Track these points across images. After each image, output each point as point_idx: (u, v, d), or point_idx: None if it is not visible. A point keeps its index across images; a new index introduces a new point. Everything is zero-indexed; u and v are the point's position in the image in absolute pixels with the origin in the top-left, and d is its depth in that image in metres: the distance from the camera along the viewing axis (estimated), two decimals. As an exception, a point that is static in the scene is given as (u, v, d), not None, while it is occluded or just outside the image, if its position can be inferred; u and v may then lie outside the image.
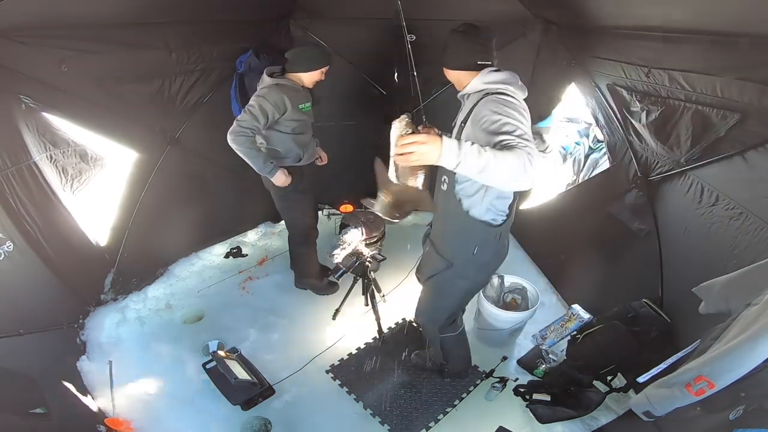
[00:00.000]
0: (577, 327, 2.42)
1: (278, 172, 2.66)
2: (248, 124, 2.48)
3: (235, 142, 2.50)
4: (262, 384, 2.48)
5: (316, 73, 2.63)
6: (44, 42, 2.23)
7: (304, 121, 2.71)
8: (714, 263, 1.92)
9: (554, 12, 2.98)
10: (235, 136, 2.48)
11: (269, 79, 2.54)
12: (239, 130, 2.47)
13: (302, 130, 2.74)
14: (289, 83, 2.56)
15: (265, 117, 2.49)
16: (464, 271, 2.08)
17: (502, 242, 2.07)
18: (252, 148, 2.55)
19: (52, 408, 2.00)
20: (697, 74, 1.95)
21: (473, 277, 2.15)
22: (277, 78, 2.55)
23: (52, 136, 2.56)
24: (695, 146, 2.07)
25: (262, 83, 2.59)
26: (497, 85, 1.77)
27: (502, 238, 2.04)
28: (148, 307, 3.12)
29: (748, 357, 1.25)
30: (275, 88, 2.52)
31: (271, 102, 2.48)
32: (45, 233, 2.45)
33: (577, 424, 2.31)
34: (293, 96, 2.56)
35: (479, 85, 1.84)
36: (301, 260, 3.27)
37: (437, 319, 2.32)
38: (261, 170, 2.64)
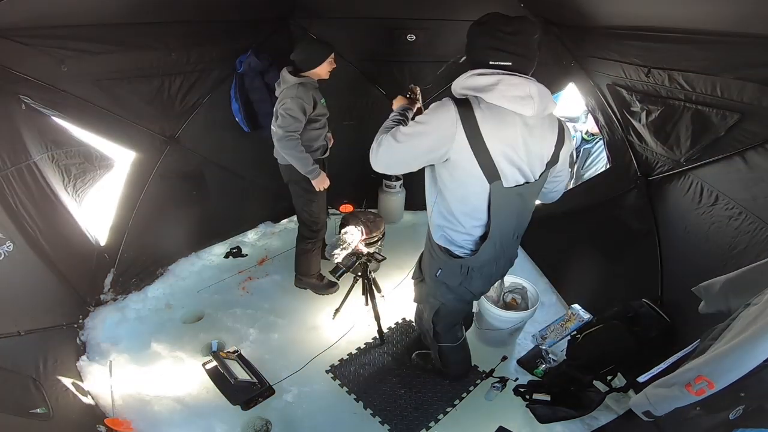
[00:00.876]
0: (577, 327, 2.42)
1: (321, 175, 2.82)
2: (294, 128, 2.60)
3: (287, 147, 2.63)
4: (262, 384, 2.48)
5: (326, 64, 2.69)
6: (44, 42, 2.23)
7: (326, 115, 2.86)
8: (714, 263, 1.92)
9: (554, 12, 2.98)
10: (285, 142, 2.61)
11: (294, 78, 2.61)
12: (288, 135, 2.59)
13: (325, 124, 2.89)
14: (309, 81, 2.68)
15: (304, 115, 2.62)
16: (432, 289, 1.98)
17: (478, 275, 1.85)
18: (302, 150, 2.68)
19: (52, 408, 2.00)
20: (696, 74, 1.95)
21: (443, 299, 1.98)
22: (300, 77, 2.65)
23: (54, 135, 2.56)
24: (695, 146, 2.07)
25: (284, 83, 2.64)
26: (466, 91, 1.54)
27: (473, 272, 1.82)
28: (148, 307, 3.11)
29: (748, 357, 1.25)
30: (303, 87, 2.62)
31: (306, 101, 2.60)
32: (45, 233, 2.45)
33: (577, 424, 2.31)
34: (315, 91, 2.71)
35: (457, 88, 1.60)
36: (302, 258, 3.28)
37: (423, 326, 2.27)
38: (308, 172, 2.76)
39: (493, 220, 1.68)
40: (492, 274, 1.95)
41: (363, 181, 4.12)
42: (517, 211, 1.76)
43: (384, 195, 4.13)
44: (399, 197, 4.15)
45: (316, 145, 2.89)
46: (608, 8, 2.33)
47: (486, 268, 1.87)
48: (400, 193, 4.13)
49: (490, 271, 1.92)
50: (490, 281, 2.02)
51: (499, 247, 1.80)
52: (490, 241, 1.73)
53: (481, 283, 1.95)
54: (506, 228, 1.78)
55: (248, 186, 3.75)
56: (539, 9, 3.04)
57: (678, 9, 1.89)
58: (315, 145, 2.89)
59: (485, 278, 1.94)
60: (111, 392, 2.41)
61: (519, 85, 1.47)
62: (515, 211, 1.75)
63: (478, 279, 1.89)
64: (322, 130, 2.89)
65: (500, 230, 1.73)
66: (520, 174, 1.63)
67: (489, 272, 1.92)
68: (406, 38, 3.35)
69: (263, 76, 3.23)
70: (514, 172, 1.60)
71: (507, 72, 1.50)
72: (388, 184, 4.06)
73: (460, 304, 2.08)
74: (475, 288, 1.95)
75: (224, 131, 3.38)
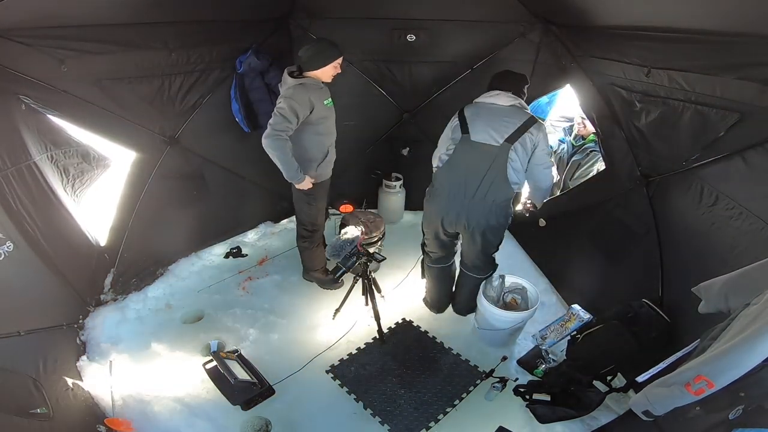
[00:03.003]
0: (577, 327, 2.42)
1: (305, 178, 2.75)
2: (281, 127, 2.49)
3: (271, 147, 2.52)
4: (262, 384, 2.48)
5: (330, 68, 2.63)
6: (44, 42, 2.23)
7: (329, 118, 2.77)
8: (714, 263, 1.92)
9: (554, 12, 2.98)
10: (271, 140, 2.50)
11: (292, 79, 2.57)
12: (274, 133, 2.49)
13: (329, 128, 2.80)
14: (311, 81, 2.60)
15: (296, 117, 2.52)
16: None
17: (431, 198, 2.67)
18: (288, 153, 2.58)
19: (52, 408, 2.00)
20: (696, 74, 1.95)
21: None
22: (299, 77, 2.58)
23: (53, 136, 2.57)
24: (695, 146, 2.07)
25: (284, 84, 2.61)
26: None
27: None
28: (148, 307, 3.12)
29: (747, 356, 1.26)
30: (300, 88, 2.54)
31: (299, 102, 2.51)
32: (45, 233, 2.45)
33: (577, 424, 2.31)
34: (317, 93, 2.60)
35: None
36: (305, 254, 3.30)
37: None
38: (292, 177, 2.70)
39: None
40: (441, 208, 2.59)
41: (363, 181, 4.13)
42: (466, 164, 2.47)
43: (384, 195, 4.13)
44: (399, 197, 4.15)
45: (311, 154, 2.76)
46: (608, 8, 2.33)
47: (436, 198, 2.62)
48: (400, 193, 4.13)
49: (439, 203, 2.60)
50: (439, 213, 2.63)
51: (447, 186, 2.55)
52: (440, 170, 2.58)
53: (433, 209, 2.66)
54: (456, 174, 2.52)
55: (248, 186, 3.75)
56: (539, 9, 3.05)
57: (678, 9, 1.89)
58: (310, 155, 2.76)
59: (436, 206, 2.63)
60: (111, 392, 2.41)
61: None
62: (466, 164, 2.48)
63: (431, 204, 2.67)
64: (321, 137, 2.74)
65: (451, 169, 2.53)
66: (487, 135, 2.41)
67: (438, 203, 2.61)
68: (406, 38, 3.35)
69: (263, 76, 3.23)
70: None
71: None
72: (388, 184, 4.06)
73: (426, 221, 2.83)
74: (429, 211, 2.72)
75: (224, 131, 3.38)
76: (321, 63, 2.59)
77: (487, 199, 2.44)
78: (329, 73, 2.66)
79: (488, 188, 2.42)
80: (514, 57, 3.33)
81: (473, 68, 3.45)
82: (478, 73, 3.47)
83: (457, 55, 3.44)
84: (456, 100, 3.65)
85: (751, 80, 1.70)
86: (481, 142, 2.40)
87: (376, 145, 4.02)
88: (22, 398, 1.95)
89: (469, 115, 2.50)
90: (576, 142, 3.80)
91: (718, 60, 1.82)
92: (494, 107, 2.49)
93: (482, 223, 2.52)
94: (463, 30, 3.29)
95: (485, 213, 2.49)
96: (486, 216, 2.49)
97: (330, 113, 2.77)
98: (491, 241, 2.65)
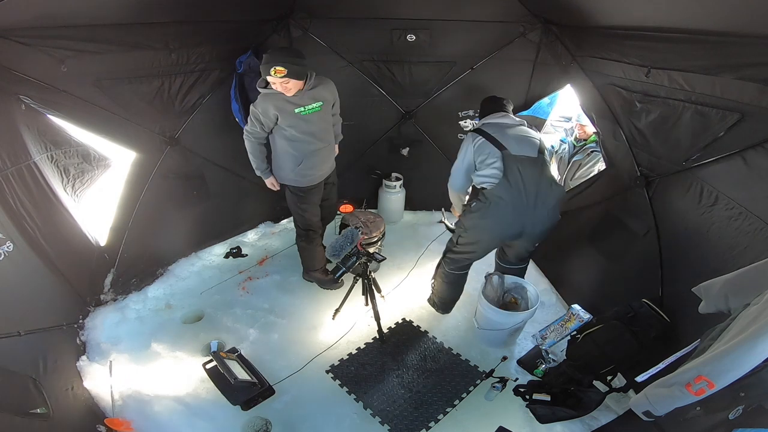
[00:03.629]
0: (577, 327, 2.42)
1: (270, 178, 2.96)
2: (250, 129, 2.74)
3: (245, 143, 2.81)
4: (262, 384, 2.48)
5: (271, 80, 2.47)
6: (44, 42, 2.23)
7: (302, 126, 2.68)
8: (714, 263, 1.93)
9: (554, 12, 2.98)
10: (245, 138, 2.80)
11: (262, 89, 2.63)
12: (246, 133, 2.78)
13: (303, 135, 2.71)
14: (272, 92, 2.57)
15: (259, 123, 2.68)
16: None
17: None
18: (255, 152, 2.83)
19: (52, 408, 2.00)
20: (696, 74, 1.95)
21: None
22: (265, 87, 2.60)
23: (53, 136, 2.57)
24: (695, 146, 2.07)
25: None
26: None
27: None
28: (148, 307, 3.11)
29: (747, 357, 1.26)
30: (262, 98, 2.63)
31: (260, 111, 2.63)
32: (45, 233, 2.45)
33: (577, 424, 2.31)
34: (282, 103, 2.59)
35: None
36: (303, 254, 3.30)
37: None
38: (257, 169, 2.92)
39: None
40: (506, 221, 2.58)
41: (363, 181, 4.13)
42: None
43: (384, 195, 4.13)
44: (399, 197, 4.15)
45: (281, 158, 2.77)
46: (608, 8, 2.33)
47: (498, 213, 2.57)
48: (400, 193, 4.13)
49: (504, 218, 2.57)
50: (503, 227, 2.61)
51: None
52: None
53: (492, 223, 2.62)
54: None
55: (248, 186, 3.75)
56: (539, 9, 3.05)
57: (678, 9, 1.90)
58: (280, 159, 2.78)
59: (498, 220, 2.59)
60: (111, 392, 2.41)
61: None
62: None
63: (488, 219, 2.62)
64: (291, 143, 2.69)
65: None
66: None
67: (502, 218, 2.58)
68: (406, 38, 3.35)
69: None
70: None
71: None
72: (388, 184, 4.06)
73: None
74: (485, 225, 2.66)
75: (224, 131, 3.38)
76: (263, 75, 2.51)
77: (547, 204, 2.50)
78: (277, 87, 2.51)
79: (546, 194, 2.49)
80: (514, 57, 3.33)
81: (473, 68, 3.46)
82: (478, 73, 3.47)
83: (457, 55, 3.44)
84: (456, 100, 3.68)
85: (751, 80, 1.70)
86: (522, 156, 2.49)
87: (376, 145, 4.02)
88: (22, 398, 1.95)
89: (493, 133, 2.56)
90: (577, 143, 3.81)
91: (718, 60, 1.82)
92: (511, 125, 2.65)
93: (546, 226, 2.59)
94: (463, 30, 3.29)
95: (548, 216, 2.55)
96: (550, 218, 2.57)
97: (302, 121, 2.67)
98: (544, 239, 2.73)
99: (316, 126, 2.75)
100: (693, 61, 1.95)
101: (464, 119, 3.76)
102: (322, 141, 2.83)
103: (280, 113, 2.61)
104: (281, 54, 2.47)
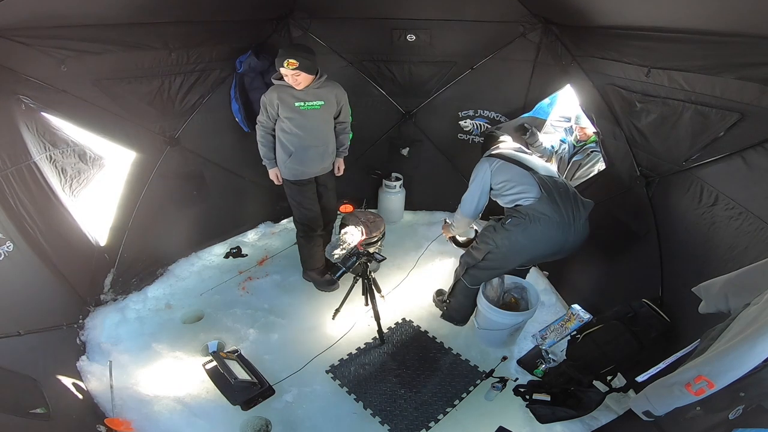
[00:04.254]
0: (577, 327, 2.42)
1: (274, 168, 3.02)
2: (261, 118, 2.87)
3: (257, 131, 2.93)
4: (262, 384, 2.48)
5: (284, 72, 2.63)
6: (44, 42, 2.23)
7: (299, 119, 2.77)
8: (714, 263, 1.93)
9: (554, 12, 2.98)
10: (256, 126, 2.92)
11: (274, 81, 2.76)
12: (257, 122, 2.91)
13: (298, 129, 2.80)
14: (282, 83, 2.72)
15: (266, 111, 2.80)
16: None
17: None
18: (263, 140, 2.94)
19: (52, 408, 2.00)
20: (696, 74, 1.95)
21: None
22: (278, 79, 2.74)
23: (52, 136, 2.57)
24: (695, 146, 2.07)
25: None
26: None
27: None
28: (148, 307, 3.11)
29: (747, 357, 1.26)
30: (273, 88, 2.78)
31: (267, 99, 2.76)
32: (45, 233, 2.45)
33: (577, 424, 2.31)
34: (286, 94, 2.71)
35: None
36: (301, 251, 3.31)
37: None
38: (264, 157, 3.00)
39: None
40: (552, 238, 2.55)
41: (363, 181, 4.13)
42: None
43: (384, 195, 4.13)
44: (399, 197, 4.15)
45: (278, 149, 2.91)
46: (608, 8, 2.33)
47: (541, 231, 2.53)
48: (400, 193, 4.13)
49: (549, 235, 2.54)
50: (548, 244, 2.57)
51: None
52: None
53: (536, 241, 2.56)
54: None
55: (248, 186, 3.75)
56: (539, 9, 3.05)
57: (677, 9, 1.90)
58: (277, 150, 2.92)
59: (543, 237, 2.55)
60: (111, 392, 2.41)
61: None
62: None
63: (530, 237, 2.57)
64: (286, 134, 2.82)
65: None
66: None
67: (548, 235, 2.53)
68: (406, 38, 3.35)
69: (263, 76, 3.24)
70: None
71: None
72: (388, 184, 4.06)
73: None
74: (525, 243, 2.59)
75: (224, 131, 3.38)
76: (276, 67, 2.68)
77: (583, 218, 2.52)
78: (288, 80, 2.67)
79: (580, 208, 2.51)
80: (514, 57, 3.33)
81: (473, 68, 3.46)
82: (478, 73, 3.47)
83: (457, 55, 3.44)
84: (456, 100, 3.68)
85: (751, 80, 1.70)
86: (547, 175, 2.54)
87: (376, 145, 4.02)
88: (22, 398, 1.95)
89: (511, 156, 2.65)
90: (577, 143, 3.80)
91: (718, 60, 1.82)
92: (519, 151, 2.76)
93: (582, 240, 2.58)
94: (463, 30, 3.29)
95: (584, 230, 2.56)
96: (585, 233, 2.57)
97: (300, 115, 2.76)
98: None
99: (311, 123, 2.81)
100: (693, 61, 1.95)
101: (464, 119, 3.76)
102: (315, 139, 2.87)
103: (282, 103, 2.72)
104: (295, 49, 2.66)
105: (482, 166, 2.68)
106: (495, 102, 3.64)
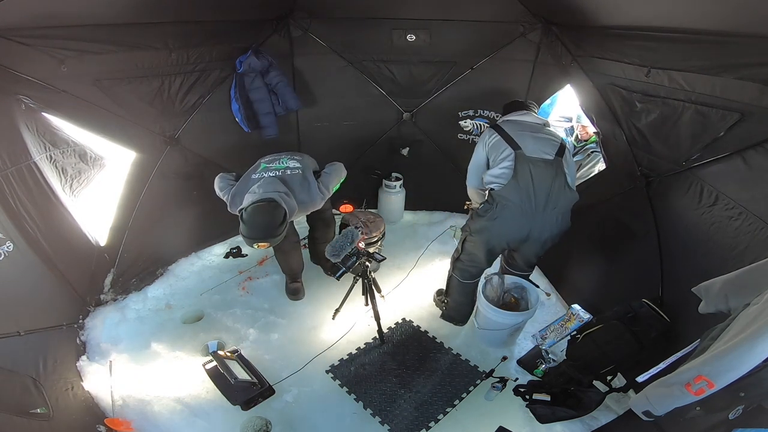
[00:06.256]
0: (577, 327, 2.42)
1: None
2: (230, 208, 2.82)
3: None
4: (262, 384, 2.48)
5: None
6: (44, 42, 2.23)
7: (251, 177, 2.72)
8: (714, 263, 1.92)
9: (554, 12, 2.98)
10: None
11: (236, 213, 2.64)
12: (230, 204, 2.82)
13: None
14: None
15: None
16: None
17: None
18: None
19: (52, 408, 2.00)
20: (697, 74, 1.95)
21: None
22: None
23: (52, 136, 2.57)
24: (695, 146, 2.07)
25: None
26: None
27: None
28: (148, 307, 3.11)
29: (747, 356, 1.26)
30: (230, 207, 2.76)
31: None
32: (45, 233, 2.45)
33: (577, 424, 2.31)
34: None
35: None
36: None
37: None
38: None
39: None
40: (512, 224, 2.55)
41: (363, 181, 4.13)
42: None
43: (384, 195, 4.13)
44: (399, 197, 4.15)
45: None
46: (608, 8, 2.33)
47: (504, 215, 2.54)
48: (400, 193, 4.13)
49: (510, 220, 2.54)
50: (509, 229, 2.57)
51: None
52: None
53: (499, 225, 2.57)
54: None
55: (248, 186, 3.74)
56: (539, 9, 3.05)
57: (678, 9, 1.90)
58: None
59: (504, 222, 2.56)
60: (111, 392, 2.41)
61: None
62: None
63: (496, 222, 2.58)
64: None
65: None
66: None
67: (509, 220, 2.54)
68: (406, 38, 3.35)
69: (263, 76, 3.23)
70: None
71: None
72: (388, 184, 4.06)
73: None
74: (491, 228, 2.61)
75: (224, 131, 3.38)
76: (243, 237, 2.45)
77: (557, 209, 2.47)
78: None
79: (557, 198, 2.45)
80: (514, 57, 3.33)
81: (473, 68, 3.46)
82: (478, 73, 3.47)
83: (457, 55, 3.44)
84: (456, 100, 3.68)
85: (751, 80, 1.70)
86: (537, 158, 2.45)
87: (376, 145, 4.02)
88: (22, 398, 1.95)
89: (510, 131, 2.54)
90: (578, 144, 3.81)
91: (718, 60, 1.82)
92: (531, 124, 2.64)
93: (554, 232, 2.55)
94: (464, 30, 3.29)
95: (557, 222, 2.52)
96: (558, 224, 2.53)
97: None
98: (552, 244, 2.68)
99: (263, 178, 2.71)
100: (693, 61, 1.95)
101: (464, 119, 3.76)
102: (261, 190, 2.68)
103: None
104: (262, 231, 2.37)
105: (482, 138, 2.67)
106: (495, 102, 3.63)
